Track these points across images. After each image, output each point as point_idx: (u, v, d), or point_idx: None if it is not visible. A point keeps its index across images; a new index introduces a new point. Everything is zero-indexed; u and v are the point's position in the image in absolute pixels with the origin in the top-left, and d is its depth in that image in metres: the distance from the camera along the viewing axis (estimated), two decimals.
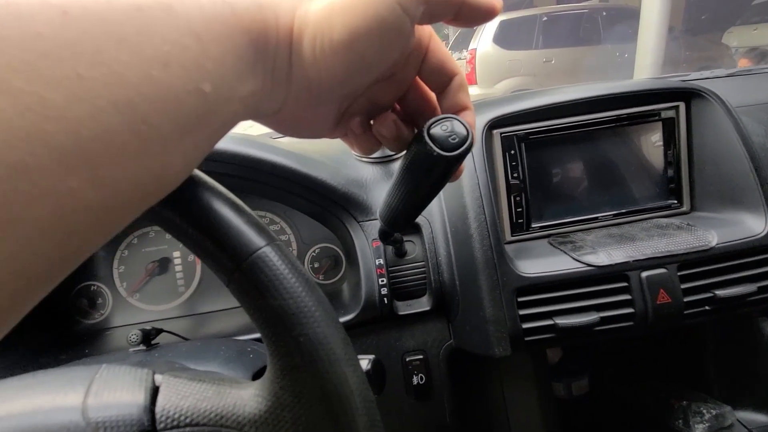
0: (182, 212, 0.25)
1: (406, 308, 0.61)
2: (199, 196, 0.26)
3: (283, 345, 0.24)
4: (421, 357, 0.61)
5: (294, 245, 0.76)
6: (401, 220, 0.40)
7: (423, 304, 0.60)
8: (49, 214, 0.13)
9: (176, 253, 0.75)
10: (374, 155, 0.69)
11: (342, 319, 0.59)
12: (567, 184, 0.63)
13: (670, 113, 0.62)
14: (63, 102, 0.12)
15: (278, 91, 0.23)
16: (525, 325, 0.53)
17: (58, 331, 0.70)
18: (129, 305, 0.73)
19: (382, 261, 0.59)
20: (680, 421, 0.67)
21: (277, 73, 0.22)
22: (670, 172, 0.64)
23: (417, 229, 0.61)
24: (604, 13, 5.77)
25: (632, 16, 5.39)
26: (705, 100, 0.61)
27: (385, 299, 0.58)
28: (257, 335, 0.58)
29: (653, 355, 0.81)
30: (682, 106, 0.62)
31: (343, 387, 0.24)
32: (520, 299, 0.53)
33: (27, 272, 0.13)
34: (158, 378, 0.28)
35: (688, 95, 0.61)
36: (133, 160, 0.15)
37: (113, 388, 0.26)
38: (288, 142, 0.79)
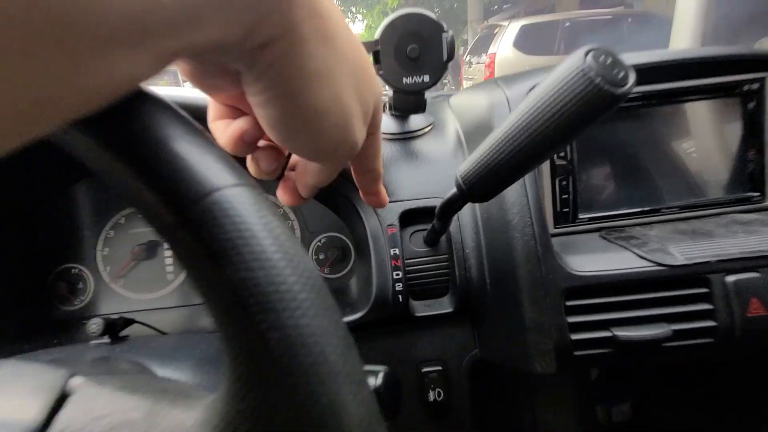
0: (106, 134, 0.16)
1: (424, 309, 0.51)
2: (135, 114, 0.16)
3: (243, 345, 0.15)
4: (439, 368, 0.51)
5: (297, 233, 0.67)
6: (500, 182, 0.33)
7: (444, 305, 0.50)
8: None
9: None
10: (395, 130, 0.60)
11: (347, 318, 0.49)
12: (623, 168, 0.53)
13: (754, 86, 0.51)
14: None
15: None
16: (575, 336, 0.42)
17: (32, 316, 0.63)
18: (112, 292, 0.66)
19: (398, 251, 0.50)
20: None
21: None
22: (752, 159, 0.52)
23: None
24: (630, 20, 5.64)
25: (658, 22, 5.25)
26: None
27: (400, 296, 0.49)
28: None
29: (711, 375, 0.69)
30: None
31: (340, 419, 0.15)
32: (569, 303, 0.43)
33: None
34: (74, 383, 0.18)
35: None
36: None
37: (5, 392, 0.17)
38: None
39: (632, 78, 0.24)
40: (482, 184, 0.33)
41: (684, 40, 3.49)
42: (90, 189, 0.65)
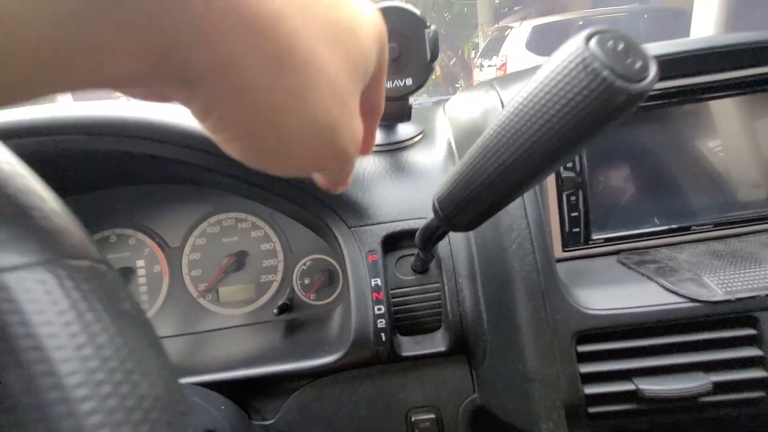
0: None
1: (412, 347, 0.44)
2: None
3: None
4: (432, 416, 0.44)
5: (280, 256, 0.62)
6: (486, 210, 0.26)
7: (436, 343, 0.43)
8: None
9: (140, 262, 0.62)
10: (379, 141, 0.54)
11: (322, 361, 0.43)
12: (644, 179, 0.45)
13: None
14: None
15: None
16: (589, 390, 0.35)
17: None
18: None
19: (380, 281, 0.43)
20: None
21: None
22: None
23: None
24: (645, 16, 5.48)
25: (676, 17, 5.08)
26: None
27: (383, 335, 0.42)
28: (225, 376, 0.44)
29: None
30: None
31: None
32: (581, 349, 0.35)
33: None
34: None
35: None
36: None
37: None
38: None
39: (653, 70, 0.17)
40: (463, 212, 0.26)
41: (706, 32, 3.34)
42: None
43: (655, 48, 0.41)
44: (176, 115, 0.44)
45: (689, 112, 0.45)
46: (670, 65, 0.41)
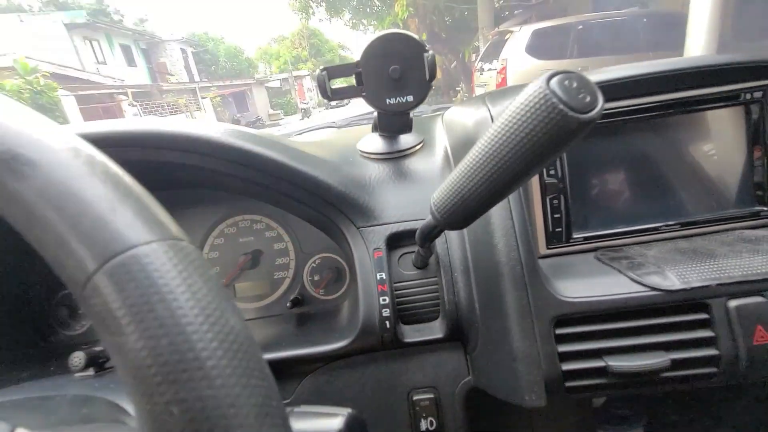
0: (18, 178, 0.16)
1: (413, 334, 0.49)
2: (55, 161, 0.16)
3: (149, 417, 0.14)
4: (431, 396, 0.49)
5: (292, 254, 0.67)
6: (473, 211, 0.32)
7: (434, 330, 0.49)
8: None
9: None
10: (383, 150, 0.59)
11: (333, 346, 0.48)
12: (619, 185, 0.51)
13: (757, 94, 0.48)
14: None
15: None
16: (566, 366, 0.40)
17: (30, 342, 0.64)
18: None
19: (384, 275, 0.48)
20: None
21: None
22: (758, 172, 0.49)
23: None
24: (645, 20, 5.50)
25: (676, 21, 5.10)
26: None
27: (387, 323, 0.47)
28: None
29: (730, 397, 0.65)
30: None
31: None
32: (559, 331, 0.41)
33: None
34: None
35: None
36: None
37: None
38: (298, 140, 0.70)
39: (600, 103, 0.23)
40: (455, 213, 0.32)
41: (699, 39, 3.37)
42: None
43: (617, 71, 0.47)
44: (198, 126, 0.49)
45: (661, 126, 0.51)
46: (639, 85, 0.47)
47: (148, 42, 19.24)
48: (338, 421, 0.26)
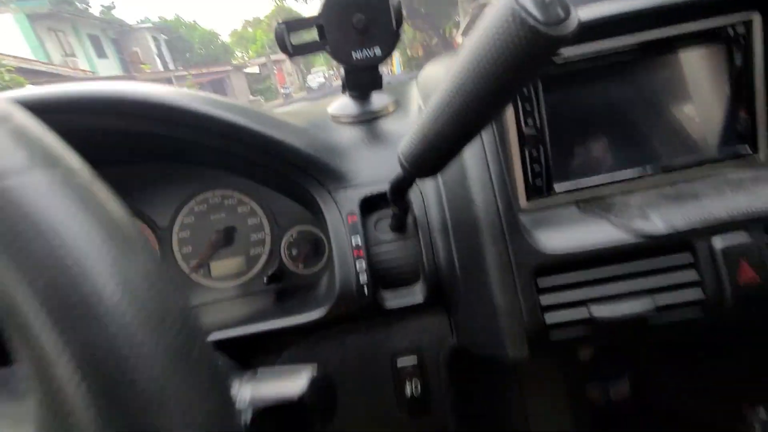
0: None
1: (394, 300, 0.47)
2: None
3: (35, 363, 0.12)
4: (415, 360, 0.48)
5: (267, 229, 0.64)
6: (443, 154, 0.29)
7: (415, 294, 0.47)
8: None
9: None
10: (355, 113, 0.56)
11: (311, 316, 0.46)
12: (599, 132, 0.48)
13: (741, 29, 0.46)
14: None
15: None
16: (549, 318, 0.39)
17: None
18: None
19: (360, 240, 0.46)
20: None
21: None
22: (741, 111, 0.48)
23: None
24: None
25: None
26: None
27: (365, 288, 0.45)
28: (222, 336, 0.47)
29: (714, 347, 0.65)
30: (757, 18, 0.46)
31: None
32: (542, 283, 0.39)
33: None
34: None
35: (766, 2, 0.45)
36: None
37: None
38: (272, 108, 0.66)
39: (574, 15, 0.20)
40: (424, 158, 0.30)
41: None
42: None
43: (581, 12, 0.44)
44: (147, 88, 0.45)
45: (641, 69, 0.48)
46: (612, 25, 0.44)
47: (118, 31, 18.45)
48: (302, 383, 0.24)
